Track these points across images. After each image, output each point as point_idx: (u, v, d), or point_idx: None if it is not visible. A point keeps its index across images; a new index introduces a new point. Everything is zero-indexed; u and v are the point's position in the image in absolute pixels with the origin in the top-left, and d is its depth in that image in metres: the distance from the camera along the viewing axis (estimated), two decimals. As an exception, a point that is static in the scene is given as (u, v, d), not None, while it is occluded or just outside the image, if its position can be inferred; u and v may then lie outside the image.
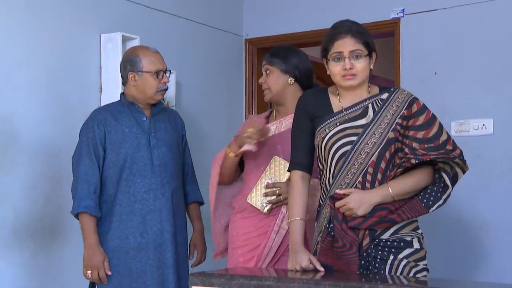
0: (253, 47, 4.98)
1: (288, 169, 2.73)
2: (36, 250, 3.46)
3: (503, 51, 4.10)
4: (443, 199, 2.49)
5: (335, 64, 2.56)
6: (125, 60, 3.23)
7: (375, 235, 2.50)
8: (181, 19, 4.43)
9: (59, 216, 3.57)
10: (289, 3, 4.88)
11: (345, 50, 2.53)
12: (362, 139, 2.52)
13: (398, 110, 2.54)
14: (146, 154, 3.16)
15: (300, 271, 2.47)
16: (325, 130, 2.58)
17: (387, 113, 2.54)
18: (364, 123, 2.54)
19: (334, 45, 2.56)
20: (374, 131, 2.52)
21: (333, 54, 2.56)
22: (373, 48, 2.58)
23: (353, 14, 4.58)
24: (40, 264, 3.48)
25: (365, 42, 2.56)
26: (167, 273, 3.14)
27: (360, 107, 2.58)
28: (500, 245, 3.99)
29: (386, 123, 2.53)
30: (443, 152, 2.46)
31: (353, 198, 2.45)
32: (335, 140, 2.55)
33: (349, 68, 2.52)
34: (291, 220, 2.60)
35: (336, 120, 2.58)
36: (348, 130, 2.55)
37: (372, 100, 2.58)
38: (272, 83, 3.11)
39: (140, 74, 3.17)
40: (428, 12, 4.34)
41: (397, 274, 2.46)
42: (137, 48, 3.27)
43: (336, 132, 2.55)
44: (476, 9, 4.19)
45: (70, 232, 3.60)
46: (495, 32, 4.12)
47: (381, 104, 2.56)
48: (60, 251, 3.57)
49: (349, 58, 2.53)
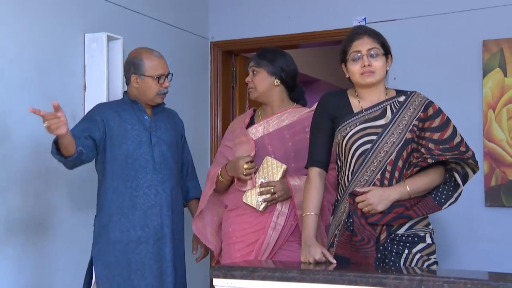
0: (218, 50, 5.01)
1: (307, 165, 2.76)
2: (26, 245, 3.38)
3: (456, 60, 4.34)
4: (455, 197, 2.60)
5: (354, 63, 2.64)
6: (129, 62, 3.24)
7: (392, 230, 2.58)
8: (152, 20, 4.39)
9: (48, 212, 3.46)
10: (255, 8, 4.90)
11: (363, 49, 2.61)
12: (381, 138, 2.60)
13: (415, 113, 2.63)
14: (147, 151, 3.17)
15: (313, 263, 2.52)
16: (346, 129, 2.64)
17: (405, 115, 2.63)
18: (384, 123, 2.62)
19: (352, 46, 2.64)
20: (393, 131, 2.60)
21: (352, 54, 2.63)
22: (388, 50, 2.67)
23: (317, 21, 4.77)
24: (30, 258, 3.36)
25: (381, 43, 2.65)
26: (165, 266, 3.15)
27: (379, 108, 2.66)
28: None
29: (404, 124, 2.61)
30: (458, 153, 2.56)
31: (373, 194, 2.52)
32: (356, 139, 2.61)
33: (367, 65, 2.60)
34: (306, 215, 2.64)
35: (356, 119, 2.65)
36: (368, 130, 2.62)
37: (390, 102, 2.67)
38: (258, 83, 3.16)
39: (142, 77, 3.19)
40: (388, 21, 4.51)
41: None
42: (142, 52, 3.26)
43: (357, 131, 2.62)
44: (432, 20, 4.38)
45: (59, 227, 3.51)
46: (450, 42, 4.33)
47: (398, 106, 2.65)
48: (49, 246, 3.47)
49: (367, 56, 2.61)
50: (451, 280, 2.08)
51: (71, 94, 3.73)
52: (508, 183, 4.12)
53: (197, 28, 4.90)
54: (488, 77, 4.22)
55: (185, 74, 4.76)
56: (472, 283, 2.04)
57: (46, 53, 3.58)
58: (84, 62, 3.79)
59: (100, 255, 3.15)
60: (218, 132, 4.98)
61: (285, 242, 3.05)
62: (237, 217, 3.11)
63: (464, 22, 4.29)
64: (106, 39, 3.76)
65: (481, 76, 4.23)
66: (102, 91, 3.72)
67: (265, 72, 3.16)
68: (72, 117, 3.72)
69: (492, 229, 4.16)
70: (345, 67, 2.71)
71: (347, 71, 2.70)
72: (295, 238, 3.05)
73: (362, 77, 2.64)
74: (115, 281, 3.08)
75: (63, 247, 3.54)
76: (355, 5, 4.61)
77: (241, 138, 3.17)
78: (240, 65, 5.17)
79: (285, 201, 3.05)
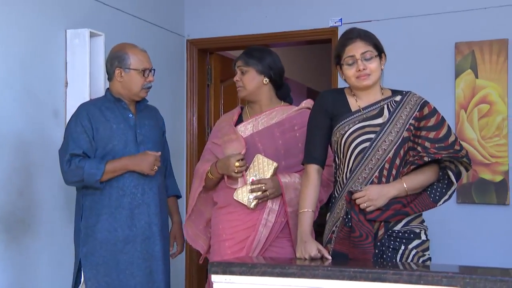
0: (194, 48, 5.00)
1: (304, 162, 2.76)
2: (9, 243, 3.34)
3: (429, 61, 4.42)
4: (449, 195, 2.65)
5: (349, 67, 2.65)
6: (113, 56, 3.17)
7: (389, 227, 2.61)
8: (130, 17, 4.33)
9: (29, 209, 3.40)
10: (231, 7, 4.90)
11: (356, 53, 2.62)
12: (380, 137, 2.62)
13: (412, 112, 2.66)
14: (133, 149, 3.12)
15: (309, 259, 2.53)
16: (344, 128, 2.65)
17: (402, 114, 2.66)
18: (381, 122, 2.64)
19: (346, 50, 2.65)
20: (391, 130, 2.63)
21: (346, 59, 2.64)
22: (381, 50, 2.69)
23: (294, 20, 4.80)
24: (12, 256, 3.31)
25: (374, 44, 2.66)
26: (156, 265, 3.12)
27: (377, 107, 2.68)
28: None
29: (401, 123, 2.64)
30: (452, 152, 2.60)
31: (372, 190, 2.55)
32: (355, 137, 2.63)
33: (362, 69, 2.61)
34: (302, 211, 2.65)
35: (354, 118, 2.67)
36: (366, 128, 2.64)
37: (387, 101, 2.69)
38: (248, 82, 3.15)
39: (128, 71, 3.13)
40: (364, 22, 4.54)
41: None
42: (125, 46, 3.21)
43: (355, 130, 2.64)
44: (407, 22, 4.45)
45: (40, 225, 3.45)
46: (423, 44, 4.40)
47: (395, 105, 2.68)
48: (32, 244, 3.41)
49: (361, 60, 2.62)
50: (449, 275, 2.12)
51: (53, 90, 3.67)
52: (478, 180, 4.23)
53: (173, 26, 4.88)
54: (460, 78, 4.32)
55: (162, 71, 4.72)
56: (470, 278, 2.09)
57: (28, 48, 3.52)
58: (65, 59, 3.74)
59: (88, 256, 3.09)
60: (194, 129, 4.98)
61: (275, 239, 3.05)
62: (228, 215, 3.10)
63: (437, 24, 4.38)
64: (89, 35, 3.72)
65: (453, 77, 4.34)
66: (85, 88, 3.68)
67: (254, 71, 3.16)
68: (54, 114, 3.68)
69: (463, 225, 4.27)
70: (340, 69, 2.73)
71: (343, 74, 2.72)
72: (285, 235, 3.06)
73: (358, 80, 2.66)
74: (104, 281, 3.04)
75: (46, 245, 3.50)
76: (331, 6, 4.66)
77: (231, 136, 3.15)
78: (215, 63, 5.17)
79: (275, 198, 3.05)
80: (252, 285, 2.37)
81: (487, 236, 4.24)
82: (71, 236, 3.31)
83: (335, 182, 2.76)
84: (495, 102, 4.25)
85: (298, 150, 3.07)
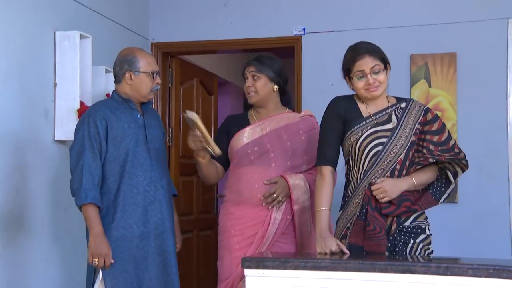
0: (158, 51, 5.04)
1: (318, 164, 2.90)
2: (6, 241, 3.26)
3: (385, 71, 4.71)
4: (448, 193, 2.88)
5: (358, 80, 2.86)
6: (122, 59, 3.22)
7: (400, 222, 2.83)
8: (100, 16, 4.31)
9: (25, 208, 3.36)
10: (196, 12, 4.96)
11: (366, 68, 2.83)
12: (391, 141, 2.83)
13: (417, 117, 2.87)
14: (144, 149, 3.18)
15: (329, 254, 2.69)
16: (358, 132, 2.84)
17: (409, 119, 2.87)
18: (391, 127, 2.85)
19: (356, 65, 2.85)
20: (401, 134, 2.84)
21: (356, 73, 2.85)
22: (387, 61, 2.90)
23: (259, 28, 4.92)
24: (9, 254, 3.26)
25: (381, 58, 2.87)
26: (169, 259, 3.20)
27: (385, 113, 2.88)
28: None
29: (409, 128, 2.85)
30: (453, 154, 2.83)
31: (388, 183, 2.76)
32: (369, 141, 2.82)
33: (372, 83, 2.83)
34: (320, 210, 2.81)
35: (366, 124, 2.85)
36: (378, 133, 2.84)
37: (394, 108, 2.90)
38: (260, 89, 3.30)
39: (137, 74, 3.19)
40: (326, 32, 4.79)
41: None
42: (134, 50, 3.28)
43: (369, 134, 2.83)
44: (366, 34, 4.60)
45: (36, 224, 3.41)
46: (381, 55, 4.72)
47: (402, 112, 2.88)
48: (27, 243, 3.36)
49: (371, 74, 2.83)
50: (474, 266, 2.35)
51: (42, 90, 3.64)
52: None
53: (139, 29, 4.90)
54: (415, 87, 4.62)
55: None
56: (494, 269, 2.32)
57: (17, 49, 3.48)
58: (54, 60, 3.71)
59: None
60: (157, 129, 5.01)
61: (280, 235, 3.19)
62: (237, 212, 3.23)
63: (394, 37, 4.64)
64: (79, 37, 3.71)
65: (409, 86, 4.63)
66: (75, 89, 3.68)
67: (266, 78, 3.30)
68: (45, 113, 3.66)
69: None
70: (349, 81, 2.91)
71: (351, 84, 2.90)
72: (290, 231, 3.21)
73: (367, 92, 2.86)
74: (121, 276, 3.07)
75: (42, 243, 3.47)
76: (295, 15, 4.82)
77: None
78: (176, 66, 5.23)
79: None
80: (285, 278, 2.48)
81: (436, 234, 4.53)
82: (67, 235, 3.31)
83: (348, 183, 2.93)
84: (446, 109, 4.57)
85: (302, 152, 3.28)
